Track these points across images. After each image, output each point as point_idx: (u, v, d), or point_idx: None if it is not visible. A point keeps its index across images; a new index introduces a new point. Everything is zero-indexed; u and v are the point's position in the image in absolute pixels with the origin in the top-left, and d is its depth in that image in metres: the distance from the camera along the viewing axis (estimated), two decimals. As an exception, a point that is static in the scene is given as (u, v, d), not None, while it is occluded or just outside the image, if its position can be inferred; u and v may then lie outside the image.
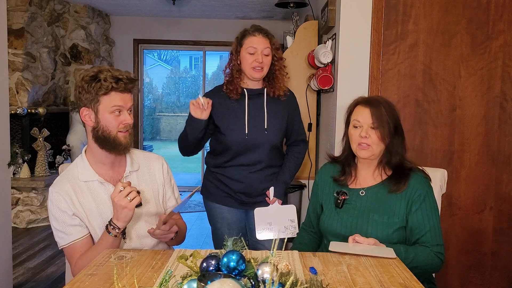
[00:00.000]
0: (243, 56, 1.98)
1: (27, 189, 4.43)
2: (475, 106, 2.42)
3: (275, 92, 2.05)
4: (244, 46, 1.98)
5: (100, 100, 1.45)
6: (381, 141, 1.53)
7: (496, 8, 2.37)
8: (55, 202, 1.47)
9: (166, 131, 13.35)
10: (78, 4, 5.26)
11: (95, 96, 1.44)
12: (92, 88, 1.44)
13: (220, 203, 2.11)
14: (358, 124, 1.56)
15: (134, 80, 1.49)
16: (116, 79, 1.44)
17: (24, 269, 3.29)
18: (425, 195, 1.53)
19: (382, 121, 1.53)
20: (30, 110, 4.51)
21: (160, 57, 13.69)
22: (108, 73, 1.45)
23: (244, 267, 0.99)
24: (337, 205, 1.60)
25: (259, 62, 1.96)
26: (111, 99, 1.45)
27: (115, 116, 1.47)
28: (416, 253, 1.46)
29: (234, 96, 2.02)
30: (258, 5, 5.13)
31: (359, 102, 1.59)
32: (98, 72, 1.45)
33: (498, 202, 2.44)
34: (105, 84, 1.43)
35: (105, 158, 1.52)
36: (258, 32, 1.99)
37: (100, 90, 1.43)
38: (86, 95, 1.45)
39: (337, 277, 1.19)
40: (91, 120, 1.48)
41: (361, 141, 1.55)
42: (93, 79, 1.44)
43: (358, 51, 2.43)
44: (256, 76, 1.99)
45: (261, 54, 1.96)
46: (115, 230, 1.40)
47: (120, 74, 1.46)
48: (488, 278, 2.47)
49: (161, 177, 1.66)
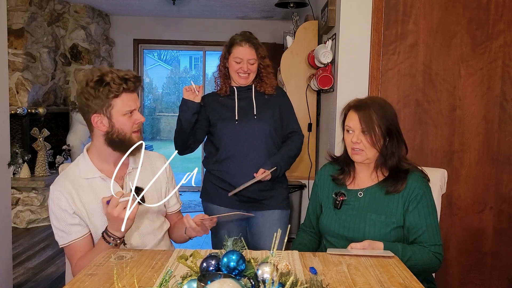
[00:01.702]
0: (230, 63, 2.10)
1: (27, 189, 4.43)
2: (475, 106, 2.42)
3: (264, 89, 2.14)
4: (232, 55, 2.09)
5: (112, 103, 1.42)
6: (372, 146, 1.54)
7: (496, 8, 2.37)
8: (56, 200, 1.47)
9: (166, 131, 13.35)
10: (78, 4, 5.26)
11: (106, 101, 1.41)
12: (101, 93, 1.40)
13: (220, 204, 2.10)
14: (350, 130, 1.58)
15: (140, 78, 1.48)
16: (124, 80, 1.42)
17: (24, 269, 3.29)
18: (422, 194, 1.53)
19: (372, 126, 1.52)
20: (30, 110, 4.51)
21: (160, 57, 13.69)
22: (113, 74, 1.42)
23: (244, 267, 0.99)
24: (335, 206, 1.61)
25: (244, 71, 2.07)
26: (123, 101, 1.43)
27: (128, 117, 1.46)
28: (414, 252, 1.46)
29: (223, 93, 2.14)
30: (258, 5, 5.13)
31: (351, 107, 1.60)
32: (102, 75, 1.41)
33: (498, 202, 2.44)
34: (114, 87, 1.40)
35: (112, 157, 1.51)
36: (245, 42, 2.07)
37: (110, 94, 1.40)
38: (95, 101, 1.41)
39: (337, 277, 1.19)
40: (104, 125, 1.45)
41: (353, 146, 1.56)
42: (99, 83, 1.40)
43: (358, 51, 2.43)
44: (242, 82, 2.11)
45: (246, 63, 2.07)
46: (115, 240, 1.37)
47: (125, 74, 1.44)
48: (488, 278, 2.47)
49: (164, 175, 1.67)
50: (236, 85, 2.14)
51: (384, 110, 1.55)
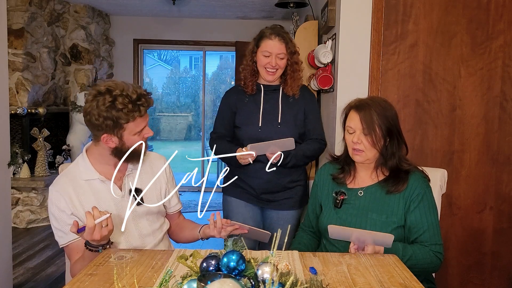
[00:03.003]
0: (259, 57, 2.05)
1: (27, 189, 4.43)
2: (475, 106, 2.42)
3: (288, 90, 2.09)
4: (260, 49, 2.04)
5: (125, 127, 1.42)
6: (373, 146, 1.54)
7: (496, 8, 2.37)
8: (54, 201, 1.47)
9: (166, 131, 13.35)
10: (78, 4, 5.26)
11: (117, 124, 1.40)
12: (113, 117, 1.38)
13: (238, 197, 2.13)
14: (350, 130, 1.58)
15: (151, 98, 1.46)
16: (137, 106, 1.40)
17: (24, 269, 3.29)
18: (423, 194, 1.53)
19: (373, 126, 1.53)
20: (30, 110, 4.51)
21: (160, 57, 13.69)
22: (124, 99, 1.38)
23: (244, 267, 0.99)
24: (335, 205, 1.61)
25: (272, 65, 2.01)
26: (136, 124, 1.43)
27: (138, 135, 1.46)
28: (414, 251, 1.46)
29: (250, 91, 2.09)
30: (258, 5, 5.13)
31: (351, 107, 1.60)
32: (113, 100, 1.37)
33: (498, 202, 2.44)
34: (128, 114, 1.39)
35: (110, 160, 1.51)
36: (275, 36, 2.02)
37: (123, 120, 1.40)
38: (106, 122, 1.39)
39: (337, 277, 1.19)
40: (113, 143, 1.45)
41: (354, 147, 1.57)
42: (111, 108, 1.38)
43: (358, 51, 2.43)
44: (269, 78, 2.05)
45: (275, 57, 2.01)
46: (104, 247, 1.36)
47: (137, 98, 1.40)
48: (488, 278, 2.47)
49: (164, 175, 1.66)
50: (263, 83, 2.10)
51: (385, 110, 1.55)
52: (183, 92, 13.80)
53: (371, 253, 1.40)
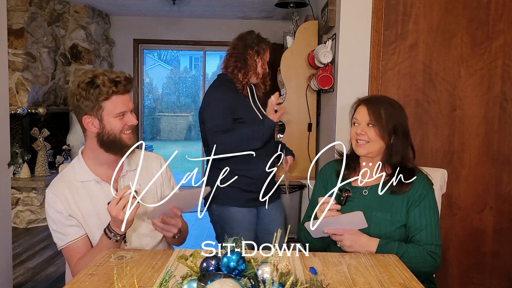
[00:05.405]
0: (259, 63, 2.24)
1: (27, 189, 4.43)
2: (475, 106, 2.42)
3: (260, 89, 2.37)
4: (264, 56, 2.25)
5: (103, 106, 1.43)
6: (379, 138, 1.54)
7: (496, 8, 2.37)
8: (51, 203, 1.47)
9: (166, 131, 13.35)
10: (78, 4, 5.26)
11: (96, 103, 1.42)
12: (91, 95, 1.41)
13: (242, 206, 2.19)
14: (356, 122, 1.59)
15: (131, 80, 1.48)
16: (115, 82, 1.42)
17: (24, 269, 3.29)
18: (426, 195, 1.54)
19: (380, 119, 1.54)
20: (30, 110, 4.51)
21: (160, 57, 13.69)
22: (104, 76, 1.42)
23: (244, 267, 0.99)
24: (340, 202, 1.60)
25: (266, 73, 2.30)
26: (113, 104, 1.43)
27: (119, 119, 1.46)
28: (407, 250, 1.46)
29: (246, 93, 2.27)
30: (258, 5, 5.13)
31: (361, 101, 1.61)
32: (93, 77, 1.42)
33: (498, 202, 2.44)
34: (104, 89, 1.40)
35: (105, 159, 1.51)
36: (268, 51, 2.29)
37: (101, 96, 1.41)
38: (86, 102, 1.42)
39: (337, 277, 1.19)
40: (95, 127, 1.45)
41: (357, 138, 1.57)
42: (90, 85, 1.41)
43: (358, 51, 2.43)
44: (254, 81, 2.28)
45: None
46: (116, 236, 1.39)
47: (117, 76, 1.44)
48: (488, 278, 2.47)
49: (159, 176, 1.66)
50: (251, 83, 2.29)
51: (394, 109, 1.57)
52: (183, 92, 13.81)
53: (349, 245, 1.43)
